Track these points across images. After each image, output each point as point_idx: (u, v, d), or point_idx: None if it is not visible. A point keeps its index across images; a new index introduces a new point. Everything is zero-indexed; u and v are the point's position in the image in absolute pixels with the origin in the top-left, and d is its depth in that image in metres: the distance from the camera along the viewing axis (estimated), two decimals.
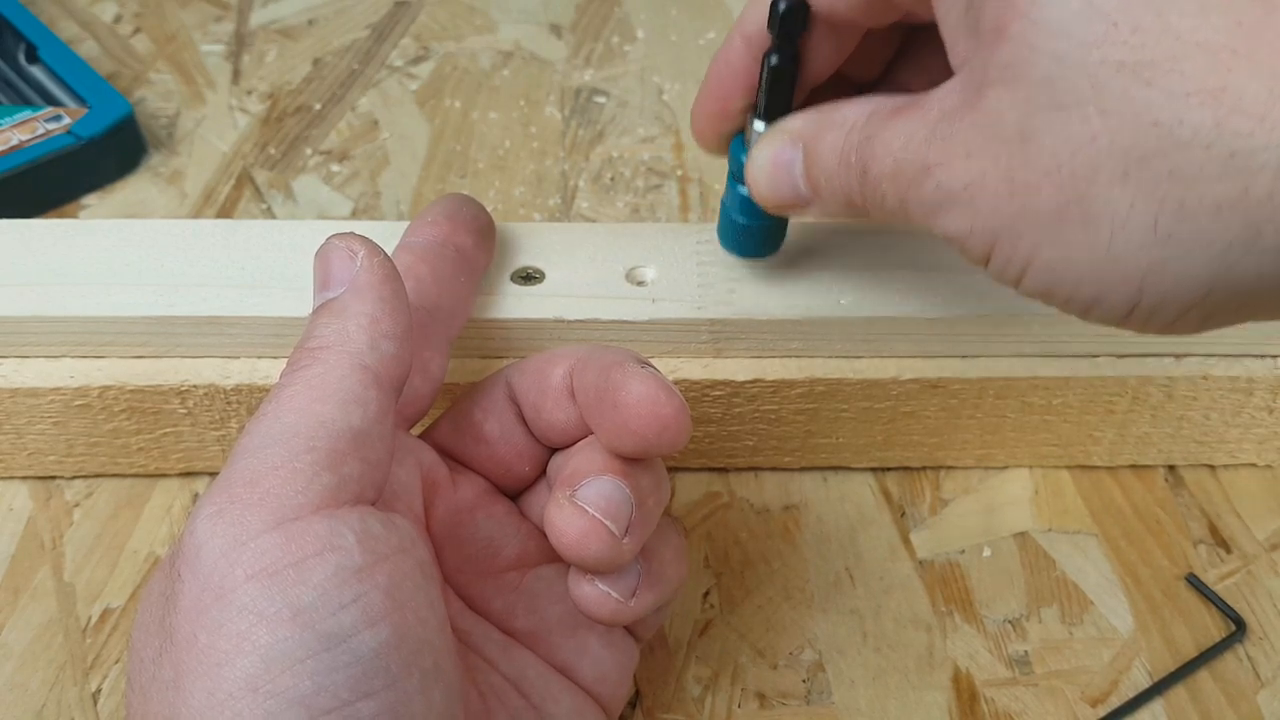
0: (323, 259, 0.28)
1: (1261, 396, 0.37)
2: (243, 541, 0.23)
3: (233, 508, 0.24)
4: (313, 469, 0.24)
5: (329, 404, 0.26)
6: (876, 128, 0.27)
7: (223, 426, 0.37)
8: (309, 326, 0.28)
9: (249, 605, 0.23)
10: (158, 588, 0.25)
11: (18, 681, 0.34)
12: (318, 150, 0.52)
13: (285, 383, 0.26)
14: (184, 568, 0.24)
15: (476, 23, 0.59)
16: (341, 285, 0.28)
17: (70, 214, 0.49)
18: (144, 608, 0.25)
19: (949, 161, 0.24)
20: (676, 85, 0.56)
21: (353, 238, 0.29)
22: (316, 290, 0.28)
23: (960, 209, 0.24)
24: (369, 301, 0.27)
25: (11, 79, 0.52)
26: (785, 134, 0.30)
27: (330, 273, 0.28)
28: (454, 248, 0.33)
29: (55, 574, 0.37)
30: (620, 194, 0.50)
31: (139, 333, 0.35)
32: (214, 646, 0.23)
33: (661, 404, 0.27)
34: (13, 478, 0.39)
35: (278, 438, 0.25)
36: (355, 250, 0.28)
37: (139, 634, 0.25)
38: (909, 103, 0.26)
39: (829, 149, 0.28)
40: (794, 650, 0.36)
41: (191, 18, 0.59)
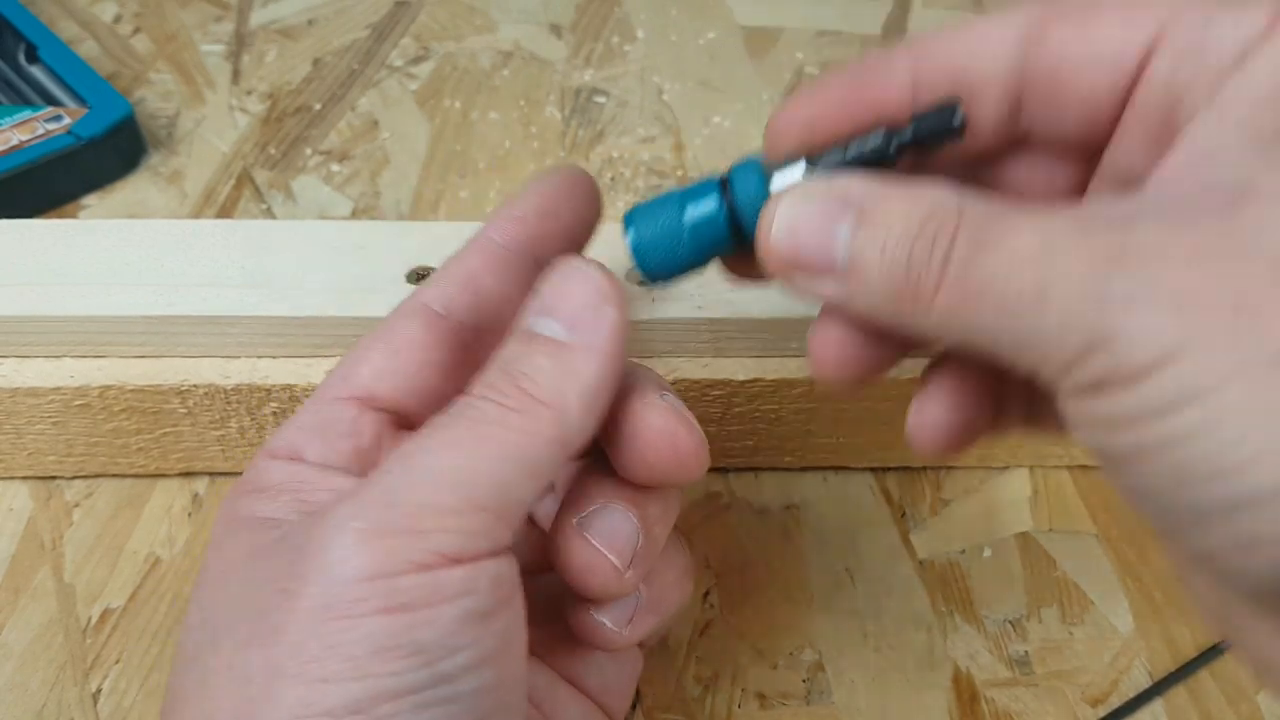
0: (564, 283, 0.26)
1: None
2: (387, 575, 0.23)
3: (388, 537, 0.23)
4: (479, 528, 0.24)
5: (519, 470, 0.24)
6: (989, 217, 0.21)
7: (222, 426, 0.37)
8: (523, 350, 0.25)
9: (374, 636, 0.22)
10: (264, 568, 0.24)
11: (18, 681, 0.34)
12: (318, 150, 0.52)
13: (486, 410, 0.25)
14: (313, 571, 0.23)
15: (476, 23, 0.59)
16: (572, 327, 0.26)
17: (70, 214, 0.49)
18: (229, 575, 0.25)
19: (1153, 277, 0.19)
20: (676, 85, 0.56)
21: (607, 276, 0.26)
22: (539, 310, 0.26)
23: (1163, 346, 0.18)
24: (597, 368, 0.25)
25: (11, 79, 0.52)
26: (838, 194, 0.24)
27: (567, 304, 0.26)
28: (534, 259, 0.29)
29: (55, 574, 0.37)
30: (620, 194, 0.50)
31: (139, 333, 0.35)
32: (324, 663, 0.22)
33: (680, 439, 0.27)
34: (13, 478, 0.39)
35: (457, 481, 0.24)
36: (605, 295, 0.26)
37: (218, 601, 0.24)
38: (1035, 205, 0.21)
39: (900, 224, 0.22)
40: (794, 650, 0.36)
41: (191, 18, 0.59)
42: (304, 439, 0.27)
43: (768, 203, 0.24)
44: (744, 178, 0.26)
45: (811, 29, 0.59)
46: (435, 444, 0.24)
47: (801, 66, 0.57)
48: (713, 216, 0.26)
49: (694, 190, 0.27)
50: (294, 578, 0.23)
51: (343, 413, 0.27)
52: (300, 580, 0.23)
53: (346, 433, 0.27)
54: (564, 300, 0.26)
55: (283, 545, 0.24)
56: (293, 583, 0.23)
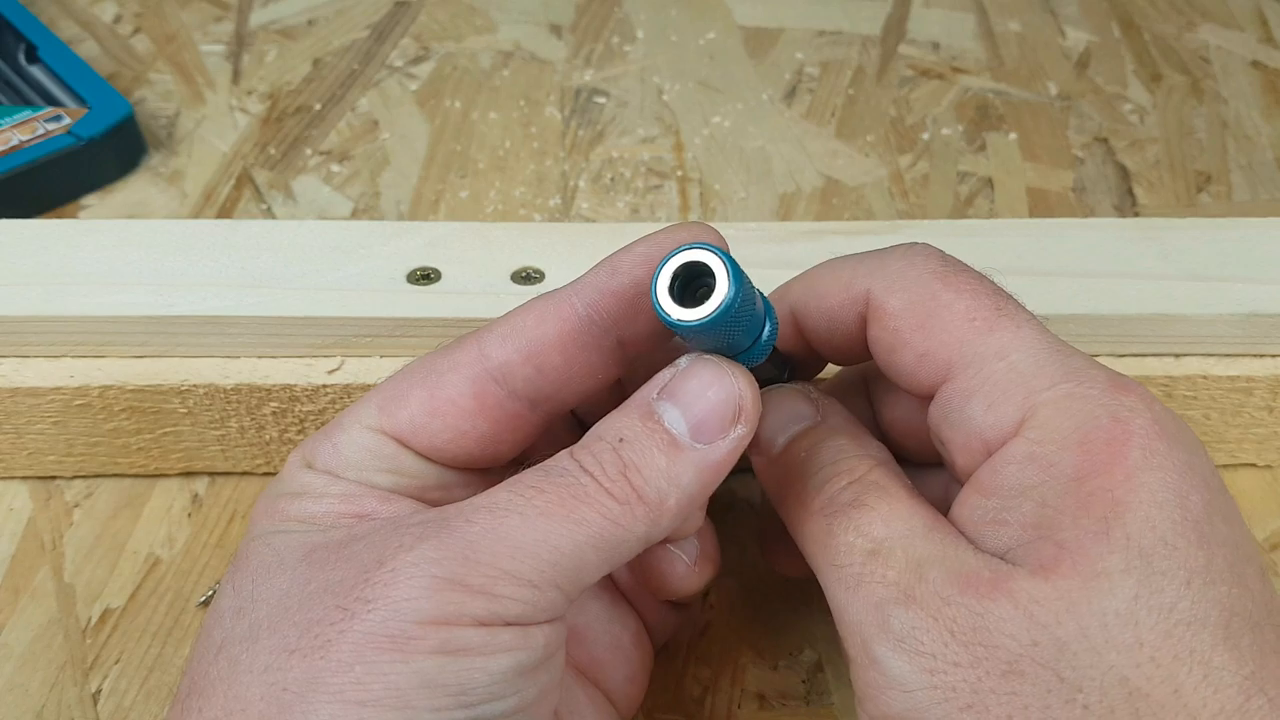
0: (709, 383, 0.26)
1: (1261, 396, 0.37)
2: (449, 622, 0.23)
3: (459, 591, 0.23)
4: (548, 603, 0.24)
5: (600, 558, 0.25)
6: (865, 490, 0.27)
7: (222, 426, 0.37)
8: (641, 432, 0.25)
9: (423, 673, 0.23)
10: (321, 576, 0.24)
11: (18, 681, 0.34)
12: (318, 150, 0.52)
13: (586, 486, 0.25)
14: (378, 600, 0.23)
15: (476, 23, 0.59)
16: (699, 433, 0.25)
17: (70, 214, 0.49)
18: (279, 570, 0.25)
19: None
20: (676, 85, 0.56)
21: (752, 394, 0.26)
22: (671, 395, 0.26)
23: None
24: (705, 483, 0.26)
25: (11, 79, 0.52)
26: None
27: (701, 406, 0.26)
28: (617, 340, 0.27)
29: (55, 574, 0.37)
30: (620, 194, 0.50)
31: (139, 333, 0.36)
32: (367, 687, 0.22)
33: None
34: (13, 478, 0.39)
35: (540, 557, 0.24)
36: (744, 415, 0.26)
37: (262, 595, 0.24)
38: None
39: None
40: (794, 650, 0.36)
41: (191, 18, 0.59)
42: (340, 466, 0.27)
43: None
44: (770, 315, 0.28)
45: (811, 29, 0.59)
46: (527, 508, 0.24)
47: (801, 66, 0.57)
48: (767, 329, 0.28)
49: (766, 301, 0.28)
50: (356, 599, 0.23)
51: (382, 447, 0.27)
52: (362, 604, 0.23)
53: (385, 469, 0.27)
54: (700, 401, 0.26)
55: (345, 556, 0.24)
56: (353, 603, 0.23)
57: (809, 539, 0.27)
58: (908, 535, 0.26)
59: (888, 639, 0.25)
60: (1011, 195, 0.51)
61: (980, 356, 0.26)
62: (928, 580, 0.25)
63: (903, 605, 0.25)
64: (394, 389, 0.28)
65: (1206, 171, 0.52)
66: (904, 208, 0.50)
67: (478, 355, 0.27)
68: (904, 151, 0.52)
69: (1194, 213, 0.50)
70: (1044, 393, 0.25)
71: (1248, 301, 0.36)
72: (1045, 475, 0.25)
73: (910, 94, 0.55)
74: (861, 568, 0.26)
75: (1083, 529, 0.24)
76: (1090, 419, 0.25)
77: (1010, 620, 0.23)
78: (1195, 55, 0.58)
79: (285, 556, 0.25)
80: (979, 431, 0.26)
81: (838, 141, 0.53)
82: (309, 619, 0.23)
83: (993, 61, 0.57)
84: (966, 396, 0.26)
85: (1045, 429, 0.25)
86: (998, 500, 0.25)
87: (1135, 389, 0.26)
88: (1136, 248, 0.38)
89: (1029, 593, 0.24)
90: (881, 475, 0.27)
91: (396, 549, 0.24)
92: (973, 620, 0.24)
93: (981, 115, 0.54)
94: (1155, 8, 0.60)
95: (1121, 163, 0.52)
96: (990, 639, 0.23)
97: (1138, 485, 0.24)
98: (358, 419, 0.28)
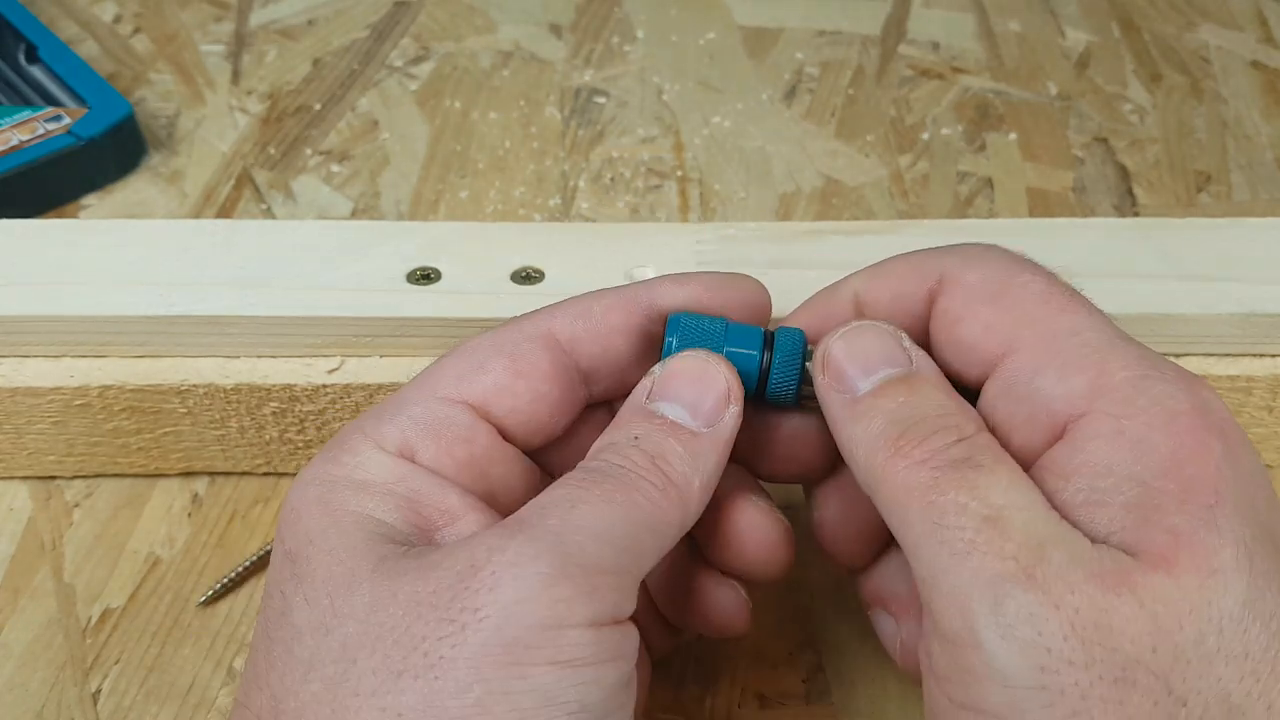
0: (699, 376, 0.27)
1: (1261, 396, 0.37)
2: (563, 627, 0.23)
3: (566, 588, 0.23)
4: (630, 592, 0.24)
5: (655, 542, 0.25)
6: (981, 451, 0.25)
7: (222, 426, 0.37)
8: (655, 430, 0.26)
9: (544, 689, 0.22)
10: (408, 589, 0.23)
11: (18, 681, 0.34)
12: (318, 150, 0.52)
13: (629, 477, 0.25)
14: (489, 606, 0.22)
15: (476, 23, 0.59)
16: (703, 420, 0.27)
17: (70, 214, 0.49)
18: (357, 582, 0.24)
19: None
20: (676, 85, 0.56)
21: (735, 376, 0.27)
22: (667, 395, 0.27)
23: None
24: (717, 460, 0.27)
25: (11, 79, 0.52)
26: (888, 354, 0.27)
27: (699, 397, 0.27)
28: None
29: (55, 574, 0.37)
30: (620, 194, 0.50)
31: (139, 332, 0.36)
32: (490, 710, 0.22)
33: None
34: (13, 478, 0.39)
35: (616, 544, 0.24)
36: (735, 395, 0.27)
37: (345, 610, 0.23)
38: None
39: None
40: (794, 650, 0.36)
41: (191, 18, 0.59)
42: (417, 436, 0.27)
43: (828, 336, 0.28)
44: (787, 339, 0.29)
45: (811, 29, 0.59)
46: (590, 497, 0.25)
47: (801, 66, 0.57)
48: (752, 360, 0.29)
49: (738, 331, 0.29)
50: (462, 609, 0.22)
51: (458, 415, 0.27)
52: (470, 613, 0.22)
53: (462, 438, 0.27)
54: (689, 390, 0.27)
55: (425, 565, 0.24)
56: (459, 614, 0.22)
57: (904, 488, 0.24)
58: (1029, 509, 0.23)
59: (998, 622, 0.22)
60: (1011, 195, 0.51)
61: (1052, 332, 0.25)
62: (1051, 562, 0.22)
63: (1023, 586, 0.22)
64: (466, 360, 0.28)
65: (1206, 171, 0.52)
66: (904, 208, 0.50)
67: (548, 329, 0.28)
68: (904, 151, 0.52)
69: (1194, 213, 0.50)
70: (1119, 371, 0.24)
71: (1248, 301, 0.36)
72: (1138, 451, 0.23)
73: (910, 94, 0.55)
74: (975, 534, 0.23)
75: (1192, 515, 0.22)
76: (1172, 401, 0.24)
77: (1134, 620, 0.22)
78: (1195, 55, 0.58)
79: (355, 567, 0.24)
80: (1047, 403, 0.25)
81: (838, 141, 0.53)
82: (412, 635, 0.22)
83: (992, 61, 0.57)
84: (1036, 368, 0.25)
85: (1129, 404, 0.24)
86: (1087, 480, 0.24)
87: (1209, 386, 0.25)
88: (1136, 248, 0.38)
89: (1154, 590, 0.22)
90: (990, 440, 0.25)
91: (488, 551, 0.23)
92: (1096, 615, 0.22)
93: (981, 115, 0.54)
94: (1155, 8, 0.60)
95: (1121, 163, 0.52)
96: (1111, 639, 0.22)
97: (1227, 478, 0.23)
98: (430, 392, 0.27)
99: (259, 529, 0.38)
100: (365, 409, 0.37)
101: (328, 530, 0.25)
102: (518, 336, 0.28)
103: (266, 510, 0.39)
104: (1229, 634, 0.22)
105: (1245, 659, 0.21)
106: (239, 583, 0.37)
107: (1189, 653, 0.21)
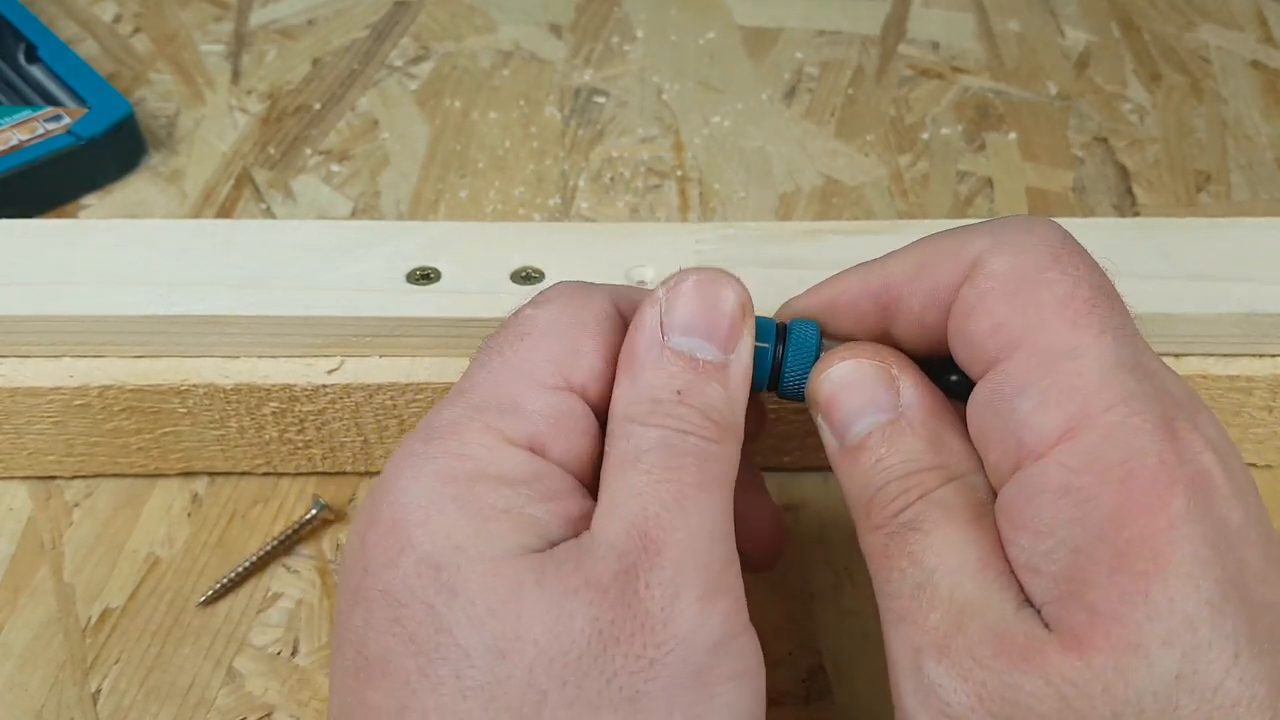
0: (711, 302, 0.26)
1: (1260, 396, 0.37)
2: (731, 639, 0.24)
3: (721, 601, 0.24)
4: (739, 570, 0.25)
5: (730, 497, 0.26)
6: (949, 514, 0.25)
7: (222, 426, 0.37)
8: (693, 377, 0.26)
9: (729, 708, 0.23)
10: (582, 614, 0.23)
11: (17, 681, 0.34)
12: (317, 150, 0.52)
13: (692, 443, 0.25)
14: (669, 641, 0.23)
15: (476, 23, 0.59)
16: (725, 348, 0.26)
17: (70, 214, 0.49)
18: (521, 605, 0.23)
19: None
20: (676, 85, 0.56)
21: (744, 290, 0.27)
22: (689, 330, 0.26)
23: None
24: (746, 381, 0.27)
25: (11, 79, 0.52)
26: (888, 399, 0.27)
27: (717, 325, 0.26)
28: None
29: (55, 574, 0.37)
30: (620, 194, 0.50)
31: (139, 332, 0.35)
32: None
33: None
34: (13, 478, 0.39)
35: (713, 528, 0.25)
36: (747, 309, 0.27)
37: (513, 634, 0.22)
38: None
39: (901, 461, 0.26)
40: (794, 650, 0.36)
41: (191, 18, 0.59)
42: (547, 430, 0.26)
43: (831, 351, 0.28)
44: (801, 334, 0.29)
45: (811, 29, 0.59)
46: (685, 489, 0.25)
47: (801, 66, 0.57)
48: (765, 353, 0.28)
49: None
50: (646, 643, 0.23)
51: (574, 406, 0.26)
52: (656, 648, 0.23)
53: (582, 429, 0.26)
54: (709, 319, 0.26)
55: (597, 588, 0.23)
56: (646, 650, 0.23)
57: (868, 554, 0.26)
58: (958, 569, 0.24)
59: (917, 689, 0.24)
60: (1011, 195, 0.51)
61: (1051, 347, 0.24)
62: (965, 632, 0.23)
63: (935, 657, 0.23)
64: (554, 347, 0.27)
65: (1206, 171, 0.52)
66: (904, 207, 0.50)
67: (613, 307, 0.28)
68: (904, 151, 0.52)
69: (1194, 212, 0.50)
70: (1099, 415, 0.23)
71: (1247, 301, 0.36)
72: (1080, 513, 0.23)
73: (910, 94, 0.55)
74: (908, 603, 0.24)
75: (1118, 588, 0.22)
76: (1137, 455, 0.23)
77: (1041, 698, 0.22)
78: (1195, 55, 0.58)
79: (519, 580, 0.23)
80: (1017, 430, 0.24)
81: (837, 141, 0.53)
82: (603, 670, 0.22)
83: (992, 61, 0.57)
84: (1020, 387, 0.24)
85: (1086, 456, 0.23)
86: (1029, 538, 0.23)
87: (1195, 429, 0.24)
88: (1136, 248, 0.38)
89: (1061, 671, 0.22)
90: (950, 493, 0.25)
91: (649, 587, 0.23)
92: (1003, 690, 0.22)
93: (981, 115, 0.54)
94: (1155, 8, 0.60)
95: (1121, 162, 0.52)
96: (1018, 713, 0.22)
97: (1180, 537, 0.22)
98: (533, 380, 0.26)
99: (259, 529, 0.38)
100: (365, 409, 0.37)
101: (479, 535, 0.23)
102: (594, 313, 0.27)
103: (266, 510, 0.39)
104: (1152, 712, 0.21)
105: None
106: (239, 583, 0.37)
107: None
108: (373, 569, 0.24)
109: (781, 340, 0.29)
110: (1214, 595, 0.21)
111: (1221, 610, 0.21)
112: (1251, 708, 0.21)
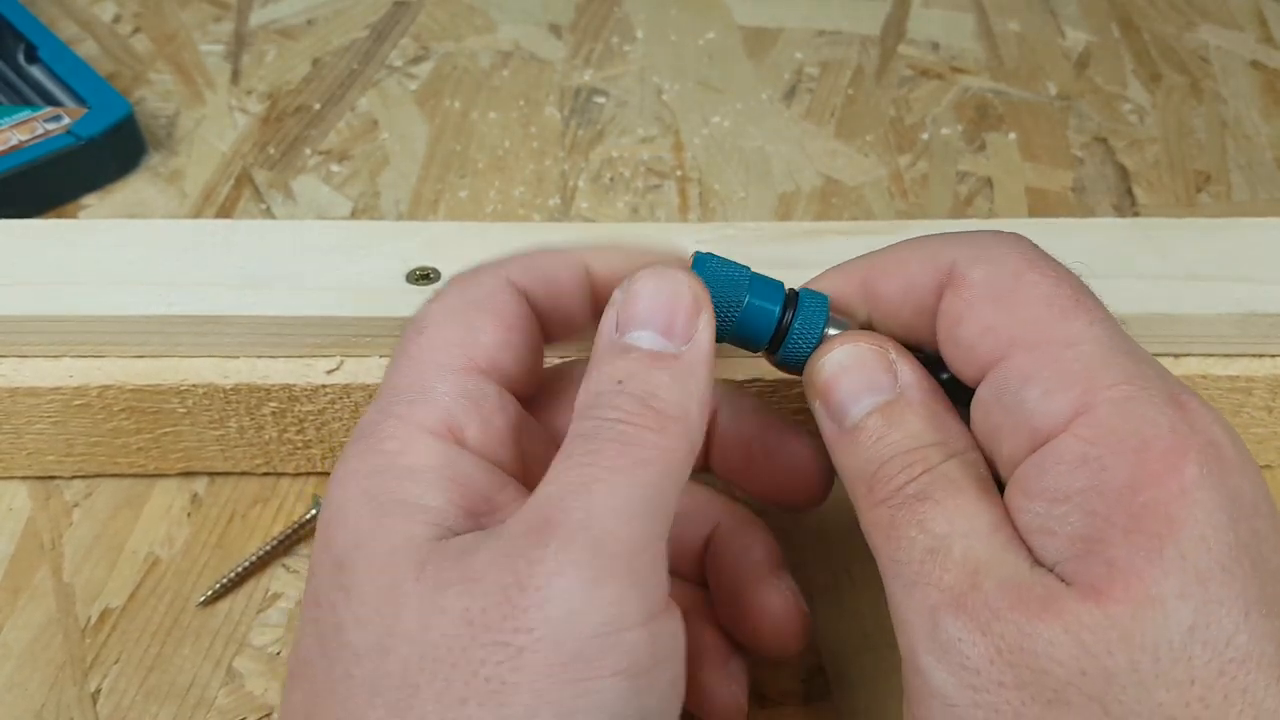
0: (659, 294, 0.26)
1: (1260, 396, 0.37)
2: (620, 630, 0.22)
3: (612, 586, 0.22)
4: (665, 552, 0.24)
5: (674, 489, 0.25)
6: (947, 484, 0.25)
7: (222, 426, 0.37)
8: (636, 367, 0.25)
9: (608, 705, 0.22)
10: (454, 607, 0.22)
11: (17, 681, 0.34)
12: (317, 150, 0.52)
13: (628, 432, 0.24)
14: (541, 624, 0.22)
15: (476, 23, 0.59)
16: (679, 339, 0.26)
17: (70, 214, 0.49)
18: (402, 597, 0.23)
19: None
20: (676, 85, 0.56)
21: (697, 281, 0.27)
22: (636, 322, 0.26)
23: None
24: (705, 374, 0.26)
25: (11, 79, 0.52)
26: (885, 380, 0.27)
27: (667, 317, 0.26)
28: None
29: (55, 574, 0.37)
30: (620, 194, 0.50)
31: (139, 332, 0.36)
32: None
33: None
34: (12, 478, 0.39)
35: (634, 510, 0.23)
36: (700, 301, 0.26)
37: (398, 631, 0.22)
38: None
39: (904, 437, 0.26)
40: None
41: (191, 18, 0.59)
42: (460, 413, 0.26)
43: (829, 339, 0.28)
44: (812, 305, 0.29)
45: (811, 29, 0.59)
46: (599, 473, 0.24)
47: (801, 66, 0.57)
48: (770, 315, 0.29)
49: (761, 282, 0.29)
50: (515, 630, 0.22)
51: (484, 385, 0.26)
52: (526, 634, 0.22)
53: (497, 408, 0.26)
54: (663, 313, 0.26)
55: (468, 576, 0.23)
56: (515, 636, 0.22)
57: (872, 528, 0.26)
58: (969, 534, 0.24)
59: (934, 647, 0.24)
60: (1011, 195, 0.51)
61: (1048, 340, 0.25)
62: (981, 589, 0.24)
63: (952, 613, 0.24)
64: (451, 330, 0.27)
65: (1206, 171, 0.52)
66: (903, 207, 0.50)
67: (504, 278, 0.28)
68: (903, 151, 0.52)
69: (1193, 213, 0.50)
70: (1105, 390, 0.24)
71: (1247, 301, 0.36)
72: (1095, 480, 0.23)
73: (910, 94, 0.55)
74: (920, 566, 0.24)
75: (1135, 546, 0.23)
76: (1150, 425, 0.24)
77: (1059, 645, 0.22)
78: (1195, 55, 0.58)
79: (399, 577, 0.23)
80: (1029, 418, 0.25)
81: (837, 141, 0.53)
82: (470, 660, 0.22)
83: (992, 61, 0.57)
84: (1024, 379, 0.25)
85: (1100, 429, 0.24)
86: (1044, 506, 0.24)
87: (1202, 404, 0.25)
88: (1136, 248, 0.38)
89: (1080, 618, 0.22)
90: (955, 468, 0.26)
91: (529, 564, 0.22)
92: (1020, 640, 0.23)
93: (981, 115, 0.54)
94: (1155, 8, 0.60)
95: (1121, 163, 0.52)
96: (1038, 662, 0.22)
97: (1193, 502, 0.23)
98: (438, 366, 0.26)
99: (258, 529, 0.38)
100: (365, 409, 0.37)
101: (375, 531, 0.24)
102: (486, 291, 0.27)
103: (266, 510, 0.39)
104: (1168, 661, 0.22)
105: (1191, 685, 0.22)
106: (238, 583, 0.37)
107: (1122, 678, 0.22)
108: (310, 573, 0.25)
109: (791, 306, 0.29)
110: (1224, 557, 0.22)
111: (1231, 571, 0.22)
112: (1261, 663, 0.22)
